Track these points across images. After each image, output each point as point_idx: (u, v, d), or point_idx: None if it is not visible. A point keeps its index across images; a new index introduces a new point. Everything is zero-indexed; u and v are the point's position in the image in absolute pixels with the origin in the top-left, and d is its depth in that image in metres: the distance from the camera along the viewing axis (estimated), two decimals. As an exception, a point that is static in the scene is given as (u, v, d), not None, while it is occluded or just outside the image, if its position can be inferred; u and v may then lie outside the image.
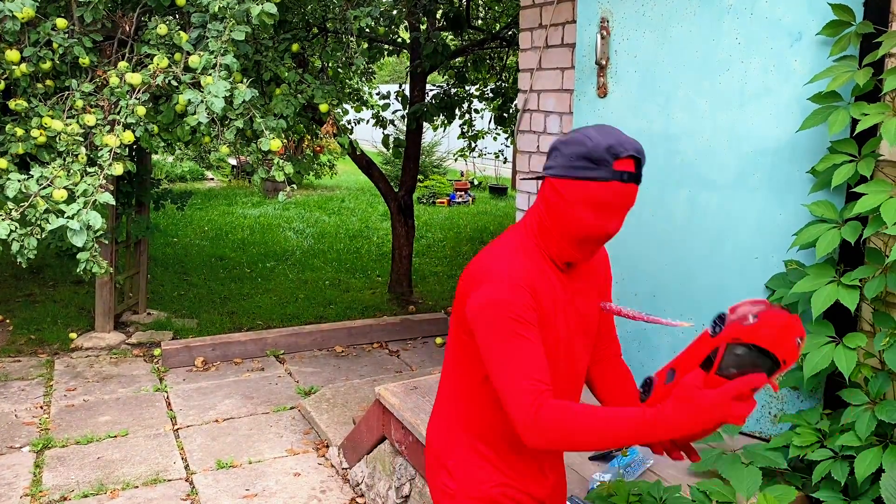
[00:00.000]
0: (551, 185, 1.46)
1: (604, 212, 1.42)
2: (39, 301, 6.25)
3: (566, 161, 1.43)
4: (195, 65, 3.61)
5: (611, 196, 1.40)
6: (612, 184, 1.40)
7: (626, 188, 1.41)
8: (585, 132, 1.44)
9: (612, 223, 1.44)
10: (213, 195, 12.57)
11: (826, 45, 2.39)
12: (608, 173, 1.39)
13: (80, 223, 3.36)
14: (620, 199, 1.41)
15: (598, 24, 3.03)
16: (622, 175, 1.39)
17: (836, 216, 2.32)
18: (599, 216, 1.42)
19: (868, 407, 2.17)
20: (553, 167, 1.46)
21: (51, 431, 3.98)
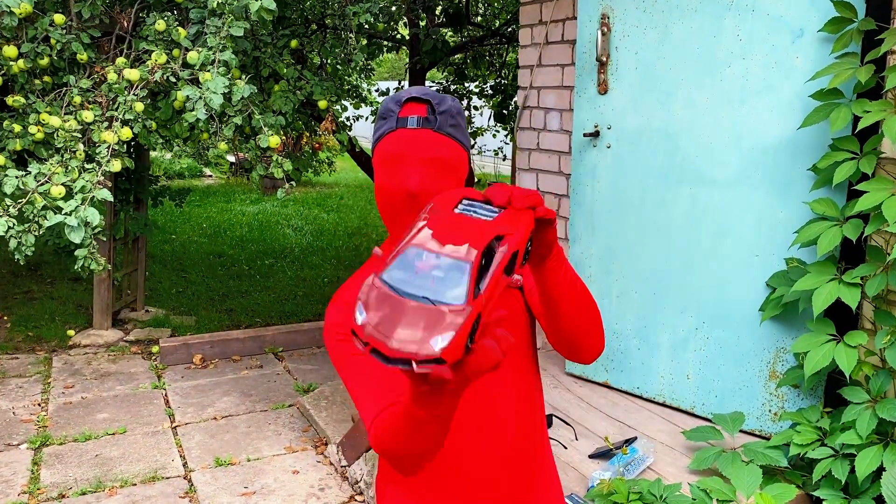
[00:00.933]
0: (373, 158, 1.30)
1: (395, 166, 1.22)
2: (37, 298, 6.23)
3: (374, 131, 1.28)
4: (193, 61, 3.60)
5: (396, 145, 1.22)
6: (398, 131, 1.22)
7: (416, 133, 1.21)
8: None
9: (408, 178, 1.21)
10: (211, 192, 12.54)
11: (828, 42, 2.38)
12: (394, 122, 1.23)
13: (78, 220, 3.35)
14: (409, 148, 1.21)
15: (599, 20, 3.02)
16: (406, 120, 1.22)
17: (837, 214, 2.31)
18: (393, 173, 1.23)
19: (869, 405, 2.17)
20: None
21: (49, 429, 3.96)
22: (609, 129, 3.05)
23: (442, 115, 1.23)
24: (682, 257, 2.84)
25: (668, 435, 2.69)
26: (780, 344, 2.58)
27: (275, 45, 4.51)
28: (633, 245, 3.01)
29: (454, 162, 1.24)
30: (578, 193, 3.21)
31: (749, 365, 2.66)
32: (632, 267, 3.04)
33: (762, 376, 2.63)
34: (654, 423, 2.80)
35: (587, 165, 3.16)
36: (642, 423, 2.80)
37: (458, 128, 1.26)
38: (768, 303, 2.54)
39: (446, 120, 1.24)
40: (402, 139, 1.22)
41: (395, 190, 1.23)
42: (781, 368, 2.58)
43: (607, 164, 3.07)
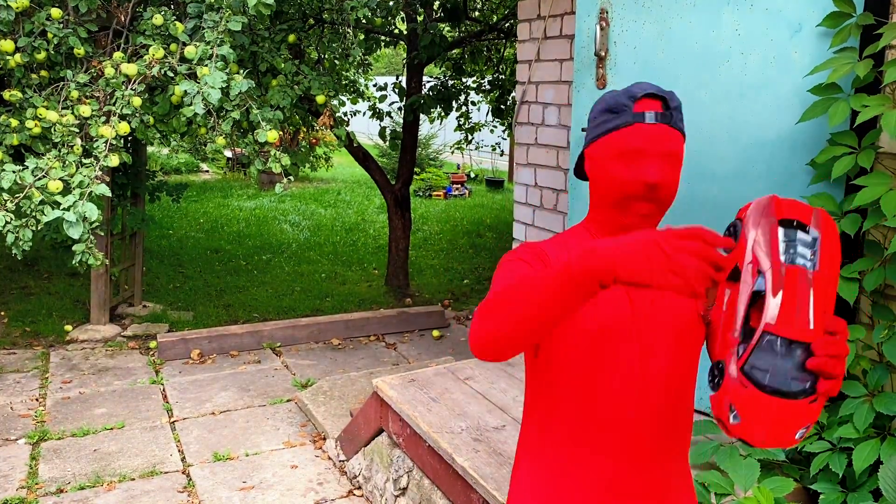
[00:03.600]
0: (588, 156, 1.36)
1: (634, 160, 1.28)
2: (34, 293, 6.22)
3: (593, 123, 1.34)
4: (191, 55, 3.59)
5: (636, 140, 1.27)
6: (635, 126, 1.27)
7: (653, 128, 1.27)
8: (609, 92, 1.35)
9: (648, 170, 1.27)
10: (208, 187, 12.52)
11: (826, 37, 2.38)
12: (629, 117, 1.28)
13: (76, 215, 3.34)
14: (649, 143, 1.27)
15: (598, 15, 3.02)
16: (643, 116, 1.27)
17: (835, 208, 2.32)
18: (631, 165, 1.28)
19: (866, 399, 2.18)
20: (587, 137, 1.37)
21: (46, 424, 3.96)
22: (607, 123, 3.05)
23: (675, 111, 1.30)
24: (681, 252, 2.85)
25: (666, 429, 2.70)
26: (777, 338, 2.59)
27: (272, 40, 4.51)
28: (632, 240, 3.01)
29: (682, 155, 1.33)
30: (577, 189, 3.22)
31: (747, 359, 2.67)
32: (630, 262, 3.04)
33: (760, 371, 2.64)
34: (652, 417, 2.81)
35: (585, 160, 3.16)
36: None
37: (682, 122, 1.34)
38: (766, 297, 2.54)
39: (678, 115, 1.31)
40: (641, 133, 1.27)
41: (632, 181, 1.28)
42: (779, 363, 2.58)
43: (606, 159, 3.08)
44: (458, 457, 2.60)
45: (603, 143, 1.32)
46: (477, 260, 8.14)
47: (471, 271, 7.65)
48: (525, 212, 4.05)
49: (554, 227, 3.82)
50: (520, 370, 3.39)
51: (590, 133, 1.35)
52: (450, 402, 3.03)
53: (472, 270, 7.69)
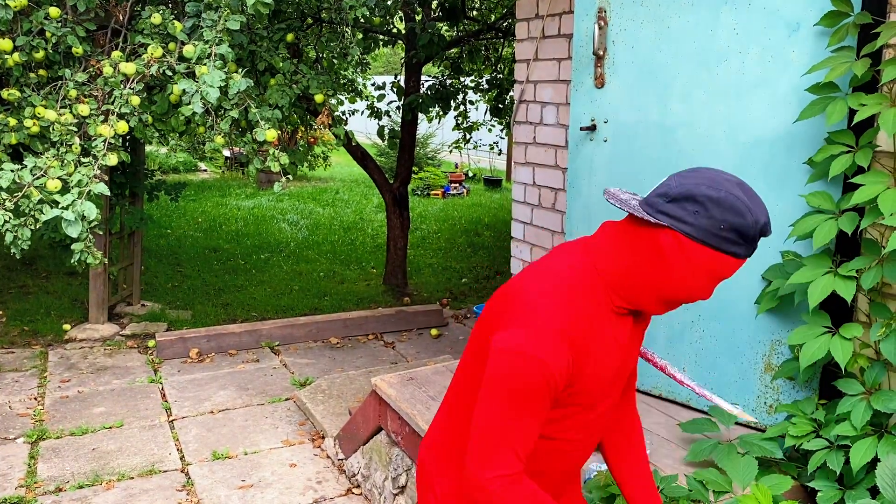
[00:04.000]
0: (678, 243, 1.24)
1: (717, 282, 1.28)
2: (32, 292, 6.22)
3: (713, 226, 1.22)
4: (190, 54, 3.59)
5: (732, 272, 1.27)
6: (741, 261, 1.26)
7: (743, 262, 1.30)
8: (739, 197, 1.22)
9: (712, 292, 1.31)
10: (206, 186, 12.52)
11: (824, 36, 2.39)
12: (748, 251, 1.25)
13: (75, 214, 3.34)
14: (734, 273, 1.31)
15: (596, 14, 3.03)
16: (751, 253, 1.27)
17: (833, 207, 2.32)
18: (711, 285, 1.28)
19: (863, 397, 2.18)
20: (691, 225, 1.23)
21: (45, 423, 3.96)
22: (606, 122, 3.06)
23: None
24: (679, 251, 2.85)
25: (664, 427, 2.70)
26: (775, 336, 2.59)
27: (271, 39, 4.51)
28: (630, 238, 3.02)
29: None
30: (575, 187, 3.22)
31: (745, 357, 2.68)
32: (628, 260, 3.04)
33: (758, 369, 2.65)
34: (651, 415, 2.82)
35: (584, 159, 3.16)
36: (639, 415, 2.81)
37: None
38: (764, 296, 2.55)
39: None
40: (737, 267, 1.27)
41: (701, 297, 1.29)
42: (777, 361, 2.59)
43: (604, 158, 3.08)
44: (457, 455, 2.60)
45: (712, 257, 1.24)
46: (475, 259, 8.14)
47: (469, 270, 7.65)
48: (523, 210, 4.05)
49: (552, 225, 3.83)
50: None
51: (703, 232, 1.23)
52: (448, 400, 3.04)
53: (471, 269, 7.69)
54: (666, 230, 1.25)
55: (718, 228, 1.22)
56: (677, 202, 1.25)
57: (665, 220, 1.25)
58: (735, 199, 1.22)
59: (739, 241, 1.23)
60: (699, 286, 1.27)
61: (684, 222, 1.24)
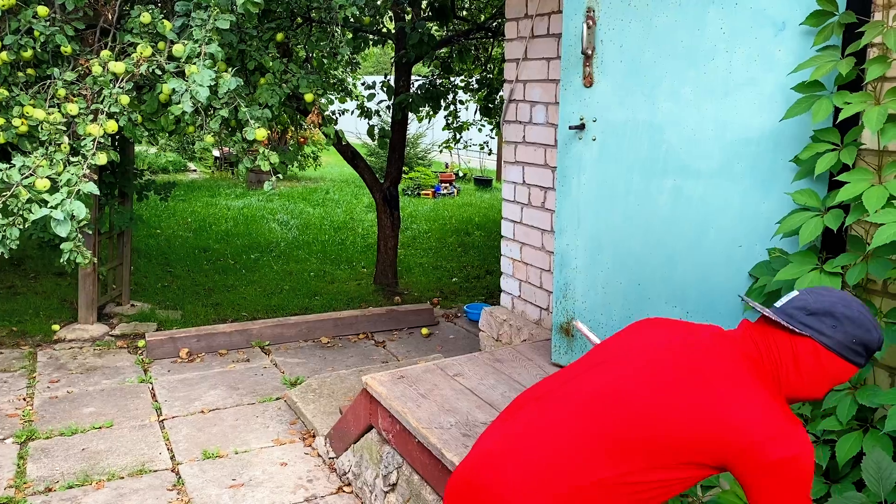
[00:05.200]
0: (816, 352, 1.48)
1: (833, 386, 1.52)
2: (21, 293, 6.19)
3: (847, 340, 1.47)
4: (179, 53, 3.59)
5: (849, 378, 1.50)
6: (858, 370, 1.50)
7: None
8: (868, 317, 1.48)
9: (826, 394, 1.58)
10: (195, 186, 12.48)
11: (809, 35, 2.41)
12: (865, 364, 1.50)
13: (64, 213, 3.33)
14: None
15: (584, 13, 3.04)
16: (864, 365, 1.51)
17: (819, 204, 2.35)
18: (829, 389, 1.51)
19: (849, 392, 2.21)
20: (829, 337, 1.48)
21: (34, 423, 3.95)
22: (594, 121, 3.08)
23: None
24: (667, 248, 2.88)
25: (653, 423, 2.72)
26: (762, 333, 2.62)
27: (260, 39, 4.50)
28: (619, 236, 3.04)
29: None
30: (564, 186, 3.24)
31: (732, 354, 2.70)
32: (617, 258, 3.07)
33: (745, 365, 2.67)
34: (640, 412, 2.84)
35: (573, 158, 3.18)
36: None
37: None
38: (751, 292, 2.57)
39: None
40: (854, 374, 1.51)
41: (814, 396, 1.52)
42: (764, 357, 2.62)
43: (593, 157, 3.10)
44: (448, 452, 2.61)
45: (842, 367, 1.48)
46: (465, 258, 8.15)
47: (459, 269, 7.67)
48: (513, 209, 4.07)
49: (542, 224, 3.85)
50: (508, 366, 3.41)
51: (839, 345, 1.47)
52: (439, 398, 3.05)
53: (461, 269, 7.71)
54: (806, 339, 1.49)
55: (851, 342, 1.47)
56: (817, 316, 1.49)
57: (807, 331, 1.49)
58: (866, 318, 1.48)
59: (863, 354, 1.47)
60: (822, 389, 1.50)
61: (824, 335, 1.48)
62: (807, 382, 1.49)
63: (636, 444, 1.45)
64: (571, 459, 1.46)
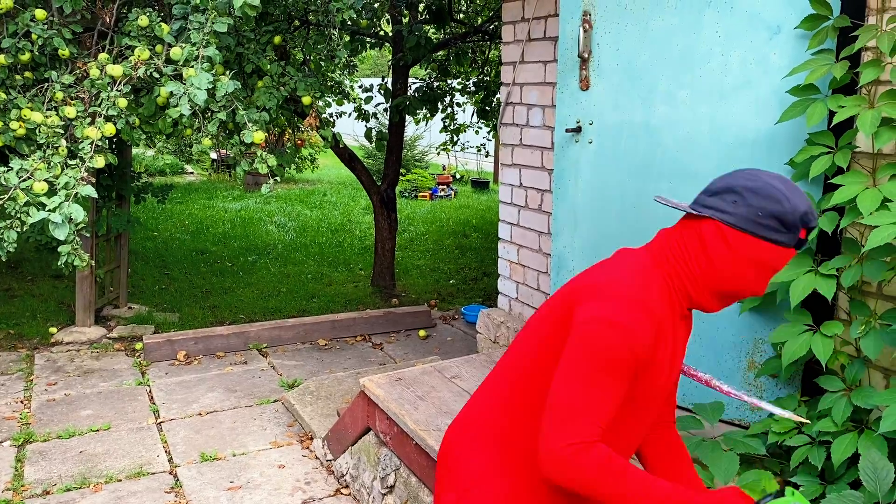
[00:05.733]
0: (720, 232, 1.32)
1: (767, 274, 1.33)
2: (18, 295, 6.19)
3: (752, 214, 1.30)
4: (177, 56, 3.60)
5: (782, 262, 1.32)
6: (790, 251, 1.32)
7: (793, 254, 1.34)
8: (777, 187, 1.30)
9: (766, 285, 1.35)
10: (192, 189, 12.48)
11: (804, 39, 2.43)
12: (793, 240, 1.30)
13: (62, 216, 3.34)
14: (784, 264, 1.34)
15: (581, 17, 3.06)
16: (803, 243, 1.32)
17: (813, 206, 2.36)
18: (761, 277, 1.33)
19: (844, 393, 2.22)
20: (730, 214, 1.32)
21: (32, 426, 3.95)
22: (591, 124, 3.09)
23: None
24: (663, 251, 2.89)
25: (649, 425, 2.73)
26: (758, 335, 2.63)
27: (258, 42, 4.51)
28: (615, 239, 3.05)
29: None
30: (561, 188, 3.25)
31: (728, 355, 2.71)
32: (614, 260, 3.07)
33: (741, 366, 2.68)
34: (636, 413, 2.85)
35: (569, 161, 3.19)
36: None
37: None
38: (747, 295, 2.59)
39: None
40: (787, 258, 1.33)
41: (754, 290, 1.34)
42: (760, 359, 2.63)
43: (589, 160, 3.11)
44: (445, 454, 2.62)
45: (754, 245, 1.31)
46: (463, 260, 8.16)
47: (457, 272, 7.67)
48: (510, 211, 4.08)
49: (539, 226, 3.86)
50: (506, 368, 3.42)
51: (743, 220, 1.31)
52: (436, 400, 3.06)
53: (458, 271, 7.71)
54: (708, 221, 1.34)
55: (756, 216, 1.30)
56: (718, 195, 1.35)
57: (707, 212, 1.34)
58: (772, 188, 1.30)
59: (780, 229, 1.29)
60: (746, 276, 1.32)
61: (724, 212, 1.32)
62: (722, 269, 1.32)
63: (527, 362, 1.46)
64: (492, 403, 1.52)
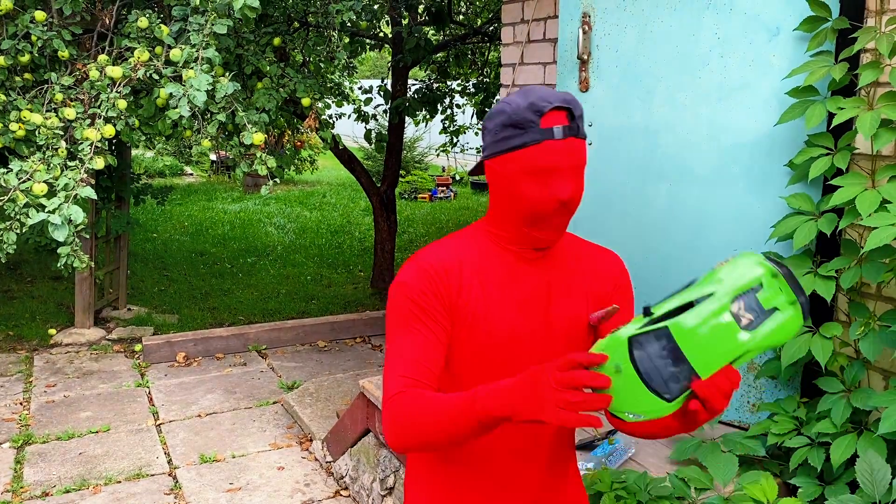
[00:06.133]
0: (489, 167, 1.30)
1: (548, 178, 1.24)
2: (17, 297, 6.19)
3: (492, 137, 1.27)
4: (176, 58, 3.60)
5: (547, 158, 1.22)
6: (545, 144, 1.21)
7: (564, 144, 1.22)
8: (504, 100, 1.26)
9: (561, 188, 1.24)
10: (192, 190, 12.48)
11: (803, 41, 2.43)
12: (538, 134, 1.21)
13: (62, 217, 3.34)
14: (561, 159, 1.22)
15: (580, 18, 3.06)
16: (552, 132, 1.21)
17: (812, 208, 2.36)
18: (544, 184, 1.24)
19: (843, 395, 2.22)
20: (485, 148, 1.31)
21: (31, 427, 3.95)
22: (590, 126, 3.09)
23: (580, 119, 1.25)
24: (662, 251, 2.89)
25: (649, 427, 2.73)
26: (757, 336, 2.63)
27: (258, 43, 4.52)
28: (614, 240, 3.05)
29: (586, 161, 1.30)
30: (560, 190, 3.25)
31: (728, 357, 2.71)
32: (613, 262, 3.08)
33: (741, 368, 2.69)
34: (636, 415, 2.85)
35: (569, 162, 3.19)
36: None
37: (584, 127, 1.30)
38: (746, 296, 2.59)
39: (582, 122, 1.27)
40: (552, 151, 1.22)
41: (547, 200, 1.25)
42: (759, 360, 2.63)
43: (588, 161, 3.12)
44: (445, 455, 2.62)
45: (509, 160, 1.25)
46: (462, 262, 8.16)
47: (456, 273, 7.67)
48: (510, 213, 4.07)
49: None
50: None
51: (490, 146, 1.29)
52: (436, 401, 3.05)
53: (458, 272, 7.71)
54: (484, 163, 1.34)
55: (495, 135, 1.27)
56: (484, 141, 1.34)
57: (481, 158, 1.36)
58: (500, 104, 1.27)
59: (517, 132, 1.23)
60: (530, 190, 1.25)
61: (483, 150, 1.32)
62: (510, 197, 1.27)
63: None
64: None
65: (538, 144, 1.22)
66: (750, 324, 1.03)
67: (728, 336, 1.02)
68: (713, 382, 1.03)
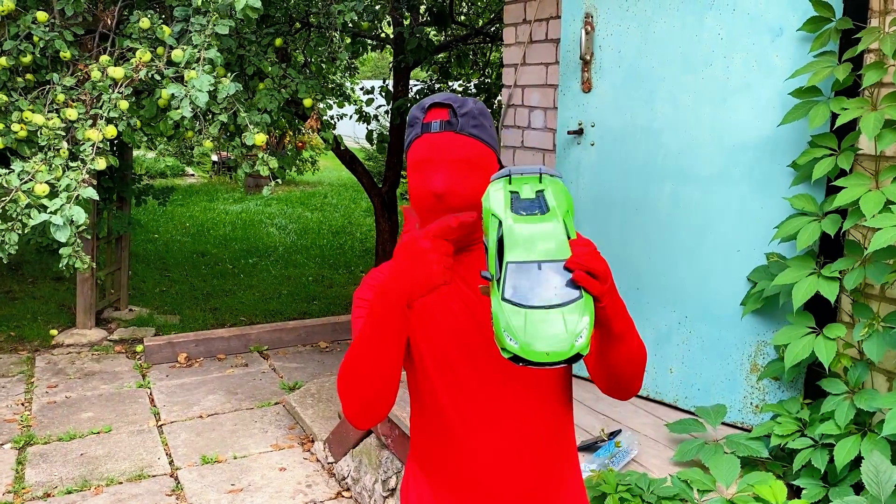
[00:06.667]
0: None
1: (423, 169, 1.30)
2: (18, 298, 6.18)
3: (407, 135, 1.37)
4: (178, 59, 3.59)
5: (422, 150, 1.29)
6: (423, 137, 1.30)
7: (438, 137, 1.29)
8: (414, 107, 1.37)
9: (433, 180, 1.28)
10: (193, 191, 12.48)
11: (807, 41, 2.42)
12: (419, 129, 1.31)
13: (63, 218, 3.33)
14: (433, 152, 1.28)
15: (583, 19, 3.06)
16: (430, 125, 1.29)
17: (816, 209, 2.36)
18: (421, 175, 1.30)
19: (847, 396, 2.22)
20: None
21: (33, 428, 3.94)
22: (593, 126, 3.08)
23: (463, 117, 1.29)
24: (665, 253, 2.88)
25: (652, 428, 2.73)
26: (761, 337, 2.63)
27: (259, 44, 4.51)
28: (617, 241, 3.05)
29: (478, 160, 1.30)
30: (563, 190, 3.24)
31: (731, 358, 2.71)
32: (615, 263, 3.07)
33: (744, 369, 2.68)
34: (638, 416, 2.84)
35: (571, 163, 3.19)
36: (626, 416, 2.84)
37: (481, 127, 1.32)
38: (749, 297, 2.58)
39: (468, 121, 1.30)
40: (426, 144, 1.29)
41: (422, 192, 1.29)
42: (762, 361, 2.62)
43: (591, 162, 3.11)
44: (447, 457, 2.61)
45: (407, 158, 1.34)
46: (464, 263, 8.16)
47: (458, 274, 7.67)
48: (512, 214, 4.07)
49: (540, 229, 3.85)
50: (507, 371, 3.41)
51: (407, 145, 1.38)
52: (438, 402, 3.05)
53: (459, 273, 7.71)
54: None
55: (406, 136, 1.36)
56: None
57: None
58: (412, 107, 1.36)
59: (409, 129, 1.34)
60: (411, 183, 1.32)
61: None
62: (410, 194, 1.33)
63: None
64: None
65: (419, 138, 1.31)
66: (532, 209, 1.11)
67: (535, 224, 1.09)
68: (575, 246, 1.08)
